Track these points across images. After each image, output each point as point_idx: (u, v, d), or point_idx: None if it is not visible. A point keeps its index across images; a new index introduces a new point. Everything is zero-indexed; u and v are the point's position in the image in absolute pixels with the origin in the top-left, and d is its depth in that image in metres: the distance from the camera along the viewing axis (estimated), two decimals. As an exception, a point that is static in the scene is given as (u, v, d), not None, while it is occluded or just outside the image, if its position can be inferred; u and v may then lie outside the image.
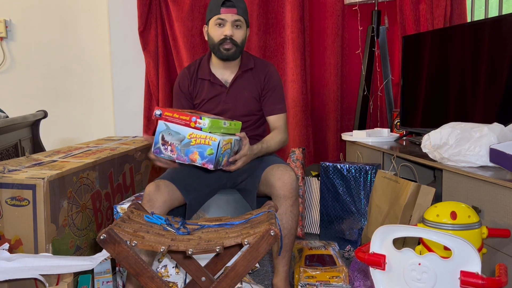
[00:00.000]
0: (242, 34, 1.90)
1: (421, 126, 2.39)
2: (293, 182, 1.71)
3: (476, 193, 1.56)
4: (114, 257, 1.30)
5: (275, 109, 1.97)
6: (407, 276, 1.17)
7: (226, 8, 1.85)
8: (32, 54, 3.38)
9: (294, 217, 1.73)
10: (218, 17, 1.85)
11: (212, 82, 1.95)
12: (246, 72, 1.96)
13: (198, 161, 1.52)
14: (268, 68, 2.00)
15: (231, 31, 1.86)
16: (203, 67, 1.98)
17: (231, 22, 1.85)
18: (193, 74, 1.99)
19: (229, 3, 1.84)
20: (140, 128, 3.29)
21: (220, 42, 1.87)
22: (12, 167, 1.79)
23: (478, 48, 1.98)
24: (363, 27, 3.00)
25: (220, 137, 1.50)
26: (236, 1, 1.87)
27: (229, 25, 1.86)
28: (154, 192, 1.70)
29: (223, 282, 1.30)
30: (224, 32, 1.86)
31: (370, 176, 2.25)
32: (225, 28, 1.86)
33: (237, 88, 1.95)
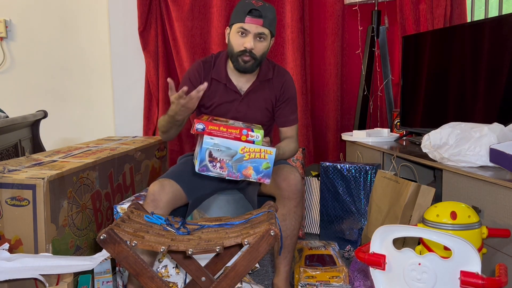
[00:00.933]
0: (264, 47, 1.78)
1: (421, 126, 2.39)
2: (298, 183, 1.70)
3: (476, 193, 1.56)
4: (114, 257, 1.30)
5: (289, 121, 1.93)
6: (407, 276, 1.17)
7: (252, 18, 1.72)
8: (32, 54, 3.38)
9: (298, 218, 1.73)
10: (242, 26, 1.74)
11: (227, 87, 1.87)
12: (263, 83, 1.89)
13: (253, 176, 1.44)
14: (285, 78, 1.92)
15: (252, 44, 1.74)
16: (219, 68, 1.88)
17: (254, 34, 1.74)
18: (208, 72, 1.89)
19: (256, 12, 1.72)
20: (140, 128, 3.29)
21: (239, 53, 1.77)
22: (12, 167, 1.79)
23: (478, 48, 1.98)
24: (363, 27, 3.00)
25: (275, 150, 1.45)
26: (265, 11, 1.73)
27: (251, 37, 1.74)
28: (159, 192, 1.68)
29: (223, 282, 1.30)
30: (244, 44, 1.75)
31: (370, 176, 2.25)
32: (246, 40, 1.75)
33: (252, 97, 1.88)
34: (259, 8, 1.72)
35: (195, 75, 1.89)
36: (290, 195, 1.69)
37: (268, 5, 1.77)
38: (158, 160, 2.67)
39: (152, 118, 3.26)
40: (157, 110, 3.23)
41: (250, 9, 1.71)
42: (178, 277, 1.82)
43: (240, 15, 1.75)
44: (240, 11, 1.75)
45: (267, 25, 1.75)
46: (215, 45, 3.08)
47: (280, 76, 1.92)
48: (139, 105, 3.28)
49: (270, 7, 1.77)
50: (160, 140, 2.69)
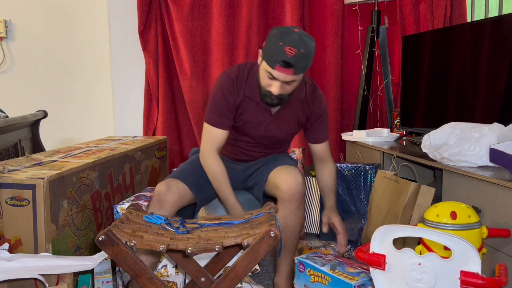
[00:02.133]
0: (294, 86, 1.67)
1: (421, 126, 2.39)
2: (298, 185, 1.68)
3: (476, 193, 1.56)
4: (113, 258, 1.30)
5: (321, 138, 1.91)
6: (407, 276, 1.17)
7: (282, 68, 1.57)
8: (32, 54, 3.38)
9: (299, 220, 1.72)
10: (270, 71, 1.60)
11: (259, 104, 1.77)
12: (295, 102, 1.80)
13: None
14: (316, 97, 1.84)
15: (279, 90, 1.63)
16: (251, 85, 1.75)
17: (283, 82, 1.62)
18: (241, 89, 1.76)
19: (288, 64, 1.55)
20: (140, 128, 3.29)
21: (266, 92, 1.67)
22: (12, 167, 1.79)
23: (478, 48, 1.98)
24: (363, 27, 3.00)
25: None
26: (297, 61, 1.56)
27: (279, 85, 1.62)
28: (165, 192, 1.67)
29: (222, 282, 1.30)
30: (270, 87, 1.64)
31: (370, 176, 2.25)
32: (273, 84, 1.63)
33: (282, 117, 1.82)
34: (291, 59, 1.55)
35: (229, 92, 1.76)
36: (290, 197, 1.68)
37: (304, 50, 1.56)
38: (158, 160, 2.67)
39: (152, 118, 3.26)
40: (157, 110, 3.23)
41: (282, 60, 1.55)
42: (178, 277, 1.82)
43: (271, 59, 1.58)
44: (272, 54, 1.58)
45: (299, 72, 1.60)
46: (215, 45, 3.08)
47: (312, 96, 1.84)
48: (139, 105, 3.28)
49: (305, 54, 1.57)
50: (160, 140, 2.69)
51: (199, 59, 3.11)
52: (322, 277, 1.59)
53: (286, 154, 2.01)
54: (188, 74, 3.12)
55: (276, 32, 1.59)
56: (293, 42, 1.55)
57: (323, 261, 1.65)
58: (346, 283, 1.51)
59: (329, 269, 1.58)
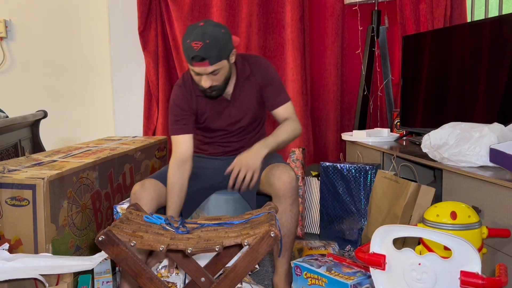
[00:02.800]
0: (222, 75, 1.75)
1: (421, 126, 2.39)
2: (292, 181, 1.70)
3: (476, 193, 1.56)
4: (113, 258, 1.30)
5: (278, 102, 1.89)
6: (407, 276, 1.17)
7: (197, 63, 1.67)
8: (32, 54, 3.38)
9: (294, 216, 1.74)
10: (192, 69, 1.71)
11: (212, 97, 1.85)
12: (245, 81, 1.88)
13: None
14: (260, 65, 1.90)
15: (208, 83, 1.72)
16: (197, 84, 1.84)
17: (207, 75, 1.71)
18: (191, 91, 1.86)
19: (198, 57, 1.65)
20: (140, 128, 3.29)
21: (201, 88, 1.77)
22: (12, 167, 1.79)
23: (478, 48, 1.98)
24: (363, 27, 3.00)
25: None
26: (206, 52, 1.64)
27: (205, 78, 1.72)
28: (140, 191, 1.72)
29: (222, 283, 1.30)
30: (201, 83, 1.74)
31: (370, 176, 2.25)
32: (201, 80, 1.73)
33: (239, 98, 1.88)
34: (199, 52, 1.64)
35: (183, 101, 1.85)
36: (285, 193, 1.69)
37: (209, 41, 1.64)
38: (158, 160, 2.67)
39: (152, 118, 3.26)
40: (157, 110, 3.23)
41: (191, 55, 1.65)
42: (178, 278, 1.82)
43: (187, 58, 1.70)
44: (185, 54, 1.69)
45: (215, 61, 1.67)
46: (215, 45, 3.08)
47: (256, 66, 1.89)
48: (139, 105, 3.28)
49: (212, 42, 1.65)
50: (160, 140, 2.69)
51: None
52: (318, 279, 1.60)
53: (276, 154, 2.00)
54: (188, 74, 3.12)
55: (186, 31, 1.71)
56: (197, 36, 1.65)
57: (319, 263, 1.65)
58: (342, 283, 1.52)
59: (325, 271, 1.59)
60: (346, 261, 1.68)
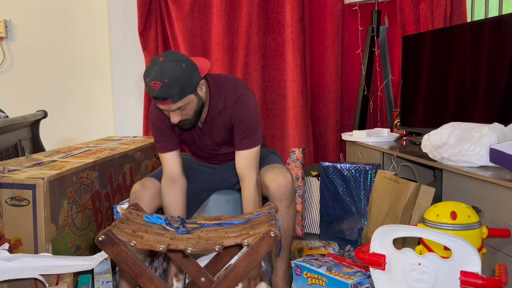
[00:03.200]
0: (190, 109, 1.62)
1: (421, 126, 2.39)
2: (288, 184, 1.69)
3: (476, 193, 1.56)
4: (113, 258, 1.30)
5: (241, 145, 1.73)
6: (407, 276, 1.17)
7: (159, 102, 1.56)
8: (32, 54, 3.38)
9: (291, 218, 1.73)
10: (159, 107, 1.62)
11: None
12: (217, 114, 1.74)
13: None
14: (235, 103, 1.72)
15: (177, 118, 1.61)
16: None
17: (174, 111, 1.60)
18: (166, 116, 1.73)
19: (160, 98, 1.53)
20: (140, 128, 3.29)
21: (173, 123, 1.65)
22: (12, 167, 1.79)
23: (478, 48, 1.98)
24: (363, 27, 3.00)
25: None
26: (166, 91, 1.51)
27: (172, 115, 1.61)
28: (140, 190, 1.72)
29: (222, 282, 1.30)
30: (171, 119, 1.62)
31: (370, 176, 2.25)
32: (171, 116, 1.61)
33: (210, 129, 1.78)
34: (158, 93, 1.52)
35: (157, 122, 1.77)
36: (280, 196, 1.69)
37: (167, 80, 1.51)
38: (158, 160, 2.66)
39: (152, 118, 3.25)
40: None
41: (153, 96, 1.55)
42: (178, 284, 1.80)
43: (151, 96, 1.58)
44: (148, 92, 1.58)
45: (179, 99, 1.55)
46: (215, 45, 3.08)
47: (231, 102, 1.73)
48: (139, 105, 3.28)
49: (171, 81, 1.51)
50: (160, 140, 2.69)
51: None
52: (319, 278, 1.60)
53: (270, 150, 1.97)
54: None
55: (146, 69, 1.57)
56: (155, 75, 1.51)
57: (320, 263, 1.65)
58: (343, 282, 1.52)
59: (326, 270, 1.59)
60: (346, 261, 1.68)
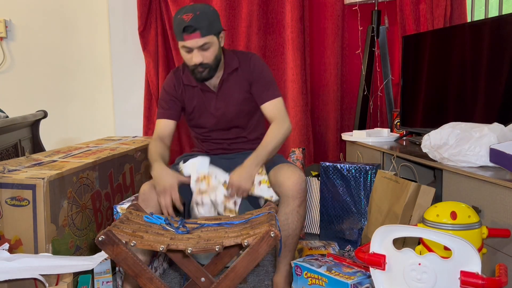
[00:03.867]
0: (212, 52, 1.77)
1: (421, 126, 2.39)
2: (302, 182, 1.70)
3: (476, 193, 1.56)
4: (113, 258, 1.30)
5: (265, 97, 1.86)
6: (407, 276, 1.17)
7: (189, 35, 1.70)
8: (32, 54, 3.38)
9: (300, 218, 1.73)
10: (183, 44, 1.74)
11: (200, 88, 1.90)
12: (232, 73, 1.88)
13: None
14: (250, 60, 1.89)
15: (199, 58, 1.75)
16: (188, 76, 1.91)
17: (197, 48, 1.74)
18: (180, 80, 1.93)
19: (190, 28, 1.69)
20: (140, 128, 3.29)
21: (192, 67, 1.79)
22: (12, 167, 1.79)
23: (478, 48, 1.98)
24: (363, 27, 3.00)
25: None
26: (197, 22, 1.69)
27: (196, 52, 1.74)
28: (149, 191, 1.71)
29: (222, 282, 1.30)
30: (192, 60, 1.76)
31: (370, 176, 2.25)
32: (192, 55, 1.75)
33: (225, 91, 1.89)
34: (190, 22, 1.69)
35: (171, 87, 1.94)
36: (294, 194, 1.68)
37: (199, 12, 1.70)
38: (158, 160, 2.66)
39: (152, 118, 3.25)
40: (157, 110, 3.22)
41: (183, 27, 1.69)
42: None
43: (178, 34, 1.74)
44: (177, 30, 1.74)
45: (206, 33, 1.72)
46: (215, 45, 3.08)
47: (245, 61, 1.89)
48: (139, 105, 3.28)
49: (202, 14, 1.70)
50: (160, 140, 2.69)
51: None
52: (319, 278, 1.60)
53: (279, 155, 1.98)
54: (188, 74, 3.12)
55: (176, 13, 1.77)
56: (187, 9, 1.73)
57: (320, 263, 1.65)
58: (343, 282, 1.52)
59: (326, 270, 1.59)
60: (346, 261, 1.69)
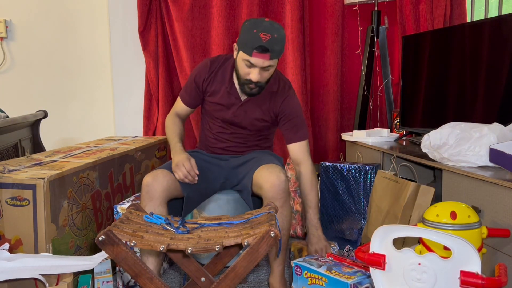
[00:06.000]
0: (270, 74, 1.77)
1: (421, 126, 2.39)
2: (281, 183, 1.68)
3: (476, 193, 1.56)
4: (113, 258, 1.30)
5: (296, 137, 1.89)
6: (407, 276, 1.17)
7: (259, 53, 1.67)
8: (32, 54, 3.38)
9: (285, 218, 1.73)
10: (248, 59, 1.69)
11: (228, 90, 1.88)
12: (265, 94, 1.86)
13: None
14: (288, 94, 1.89)
15: (257, 77, 1.72)
16: (225, 71, 1.88)
17: (262, 68, 1.71)
18: (214, 72, 1.90)
19: (263, 48, 1.65)
20: (140, 128, 3.29)
21: (245, 81, 1.76)
22: (12, 167, 1.79)
23: (478, 48, 1.98)
24: (363, 27, 3.00)
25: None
26: (272, 45, 1.66)
27: (257, 70, 1.71)
28: (152, 182, 1.69)
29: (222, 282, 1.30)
30: (250, 75, 1.73)
31: (370, 176, 2.25)
32: (252, 71, 1.72)
33: (250, 106, 1.89)
34: (266, 44, 1.65)
35: (200, 76, 1.92)
36: (274, 195, 1.68)
37: (277, 35, 1.67)
38: (158, 160, 2.67)
39: (152, 118, 3.26)
40: (157, 110, 3.23)
41: (258, 45, 1.65)
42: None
43: (247, 47, 1.68)
44: (248, 42, 1.68)
45: (275, 57, 1.71)
46: (215, 45, 3.08)
47: (283, 90, 1.89)
48: (139, 105, 3.29)
49: (279, 38, 1.68)
50: (160, 140, 2.69)
51: (199, 59, 3.11)
52: (319, 278, 1.60)
53: (269, 152, 2.02)
54: (188, 74, 3.12)
55: (249, 23, 1.72)
56: (266, 28, 1.67)
57: (320, 263, 1.65)
58: (343, 282, 1.52)
59: (326, 270, 1.59)
60: (346, 261, 1.69)
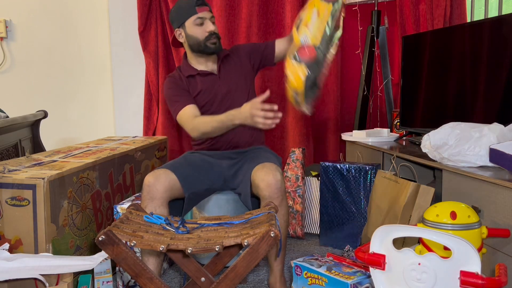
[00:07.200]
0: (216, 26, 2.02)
1: (421, 126, 2.39)
2: (277, 182, 1.68)
3: (476, 193, 1.56)
4: (113, 258, 1.30)
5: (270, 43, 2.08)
6: (407, 276, 1.17)
7: (201, 7, 1.96)
8: (32, 54, 3.38)
9: (283, 217, 1.73)
10: (197, 16, 1.96)
11: (201, 74, 2.02)
12: (225, 59, 2.06)
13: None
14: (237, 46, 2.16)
15: (213, 27, 1.98)
16: (186, 69, 2.05)
17: (209, 19, 1.98)
18: (181, 77, 2.03)
19: (201, 1, 1.97)
20: (140, 128, 3.29)
21: (206, 39, 1.97)
22: (12, 167, 1.79)
23: (478, 48, 1.98)
24: (363, 27, 3.00)
25: None
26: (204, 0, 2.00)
27: (208, 22, 1.97)
28: (154, 182, 1.69)
29: (222, 282, 1.30)
30: (207, 29, 1.96)
31: (370, 176, 2.25)
32: (206, 26, 1.97)
33: (226, 72, 2.04)
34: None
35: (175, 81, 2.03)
36: (270, 195, 1.68)
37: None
38: (158, 160, 2.67)
39: (152, 118, 3.26)
40: (157, 110, 3.23)
41: (195, 1, 1.94)
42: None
43: (189, 10, 1.96)
44: (187, 7, 1.96)
45: (210, 10, 2.00)
46: (215, 45, 3.08)
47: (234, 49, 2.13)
48: (139, 105, 3.29)
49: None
50: (160, 140, 2.69)
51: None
52: (319, 278, 1.60)
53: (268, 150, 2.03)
54: (188, 74, 3.12)
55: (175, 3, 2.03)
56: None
57: (320, 263, 1.65)
58: (343, 282, 1.52)
59: (326, 270, 1.59)
60: (346, 261, 1.69)
